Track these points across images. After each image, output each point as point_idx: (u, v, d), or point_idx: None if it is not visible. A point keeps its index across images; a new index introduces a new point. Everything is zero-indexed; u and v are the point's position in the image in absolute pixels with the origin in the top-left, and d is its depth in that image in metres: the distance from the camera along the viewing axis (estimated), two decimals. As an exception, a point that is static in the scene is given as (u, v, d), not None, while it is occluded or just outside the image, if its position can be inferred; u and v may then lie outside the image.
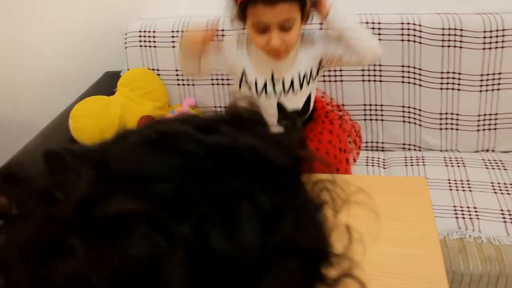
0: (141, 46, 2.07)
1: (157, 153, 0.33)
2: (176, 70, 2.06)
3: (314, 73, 1.45)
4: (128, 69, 2.11)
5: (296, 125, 1.48)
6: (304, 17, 1.33)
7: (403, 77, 1.87)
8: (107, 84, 2.15)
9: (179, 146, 0.33)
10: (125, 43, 2.10)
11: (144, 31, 2.05)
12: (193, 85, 2.07)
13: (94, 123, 1.79)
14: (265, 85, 1.41)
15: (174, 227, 0.30)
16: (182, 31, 1.77)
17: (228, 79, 1.98)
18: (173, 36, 2.01)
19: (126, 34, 2.10)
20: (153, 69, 2.09)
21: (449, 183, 1.72)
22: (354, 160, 1.73)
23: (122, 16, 2.20)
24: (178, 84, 2.09)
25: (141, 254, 0.29)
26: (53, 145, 1.76)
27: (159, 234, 0.29)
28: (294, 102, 1.47)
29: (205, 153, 0.33)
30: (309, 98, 1.50)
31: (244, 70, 1.41)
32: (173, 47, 2.03)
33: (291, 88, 1.42)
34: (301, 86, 1.43)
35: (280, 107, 1.45)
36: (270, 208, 0.33)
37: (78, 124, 1.78)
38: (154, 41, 2.05)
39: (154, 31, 2.04)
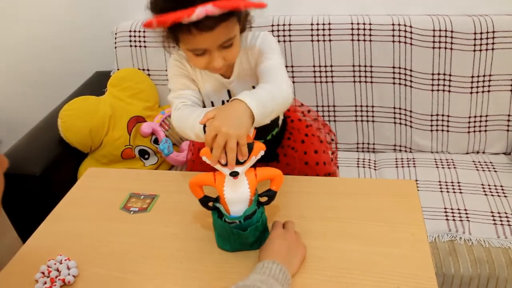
0: (131, 46, 2.05)
1: None
2: (166, 70, 2.04)
3: None
4: (118, 69, 2.10)
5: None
6: (241, 27, 1.15)
7: (394, 78, 1.87)
8: (97, 84, 2.13)
9: None
10: (115, 43, 2.08)
11: (134, 31, 2.04)
12: (183, 85, 2.06)
13: (83, 123, 1.77)
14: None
15: None
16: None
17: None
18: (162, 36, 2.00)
19: (116, 34, 2.08)
20: (143, 69, 2.08)
21: (440, 185, 1.73)
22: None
23: (112, 16, 2.18)
24: (169, 85, 2.08)
25: None
26: (42, 145, 1.75)
27: None
28: None
29: None
30: None
31: (201, 92, 1.26)
32: (163, 47, 2.01)
33: None
34: None
35: None
36: None
37: (67, 124, 1.76)
38: (144, 41, 2.03)
39: (144, 31, 2.03)
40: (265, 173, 1.00)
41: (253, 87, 1.19)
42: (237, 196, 0.96)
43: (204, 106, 1.28)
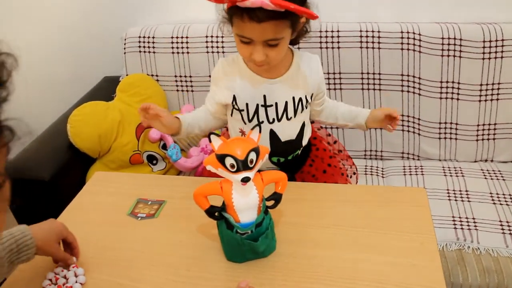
0: (140, 51, 2.06)
1: None
2: (175, 76, 2.06)
3: (308, 99, 1.33)
4: (127, 75, 2.11)
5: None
6: (295, 32, 1.21)
7: (402, 86, 1.87)
8: (106, 89, 2.14)
9: None
10: (124, 48, 2.09)
11: (144, 37, 2.05)
12: (192, 91, 2.07)
13: (92, 128, 1.78)
14: (256, 110, 1.29)
15: None
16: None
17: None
18: (172, 42, 2.01)
19: (125, 39, 2.09)
20: (152, 75, 2.09)
21: (448, 193, 1.72)
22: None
23: (121, 21, 2.19)
24: (177, 90, 2.08)
25: None
26: (51, 150, 1.75)
27: None
28: (288, 130, 1.34)
29: None
30: (303, 127, 1.36)
31: (235, 96, 1.29)
32: (173, 53, 2.02)
33: (285, 114, 1.29)
34: (295, 112, 1.30)
35: (273, 135, 1.31)
36: None
37: (76, 129, 1.77)
38: (154, 47, 2.04)
39: (153, 37, 2.04)
40: (271, 176, 1.01)
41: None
42: (246, 202, 0.96)
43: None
